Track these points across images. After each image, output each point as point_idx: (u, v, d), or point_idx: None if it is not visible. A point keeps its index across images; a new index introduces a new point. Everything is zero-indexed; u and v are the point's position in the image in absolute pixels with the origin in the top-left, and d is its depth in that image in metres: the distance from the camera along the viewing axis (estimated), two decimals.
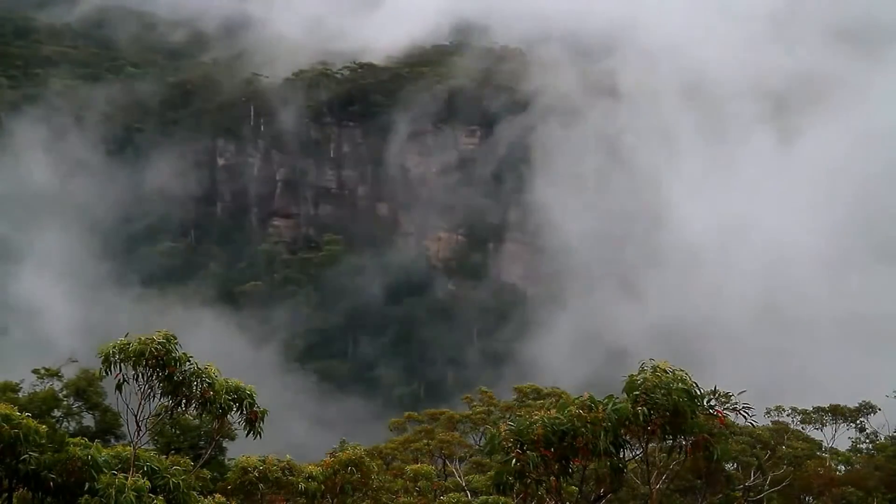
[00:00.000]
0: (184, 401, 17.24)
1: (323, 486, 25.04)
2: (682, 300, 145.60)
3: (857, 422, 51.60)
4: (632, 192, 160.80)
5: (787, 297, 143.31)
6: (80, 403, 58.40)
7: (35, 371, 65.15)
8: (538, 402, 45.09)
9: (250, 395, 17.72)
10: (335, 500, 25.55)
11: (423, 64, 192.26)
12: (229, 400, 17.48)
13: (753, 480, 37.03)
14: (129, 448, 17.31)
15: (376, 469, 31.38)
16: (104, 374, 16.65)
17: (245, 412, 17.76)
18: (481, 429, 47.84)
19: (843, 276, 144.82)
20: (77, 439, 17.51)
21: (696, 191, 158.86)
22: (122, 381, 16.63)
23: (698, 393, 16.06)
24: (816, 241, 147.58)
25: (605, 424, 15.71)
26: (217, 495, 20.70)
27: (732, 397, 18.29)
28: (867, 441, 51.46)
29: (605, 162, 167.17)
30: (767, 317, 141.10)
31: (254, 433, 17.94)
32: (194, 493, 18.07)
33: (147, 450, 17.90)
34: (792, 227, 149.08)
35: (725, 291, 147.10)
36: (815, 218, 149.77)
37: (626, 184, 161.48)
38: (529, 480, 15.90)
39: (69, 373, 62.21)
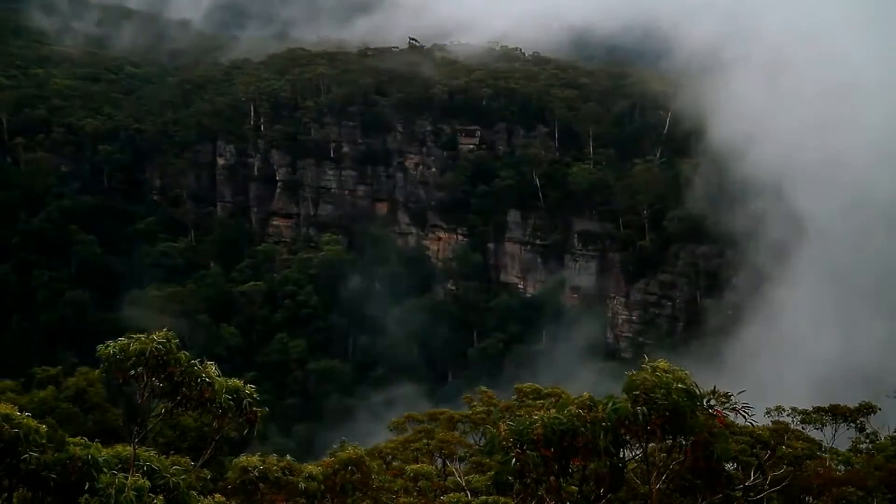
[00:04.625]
0: (183, 401, 17.20)
1: (323, 487, 25.00)
2: None
3: (857, 422, 51.42)
4: None
5: None
6: (80, 404, 58.60)
7: (36, 371, 65.32)
8: (538, 401, 44.94)
9: (249, 396, 17.69)
10: (335, 501, 25.53)
11: (423, 63, 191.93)
12: (229, 400, 17.45)
13: (753, 480, 36.95)
14: (128, 448, 17.29)
15: (377, 469, 31.36)
16: (105, 374, 16.62)
17: (244, 412, 17.71)
18: (481, 429, 47.70)
19: None
20: (77, 439, 17.49)
21: None
22: (122, 381, 16.59)
23: (698, 393, 16.09)
24: None
25: (604, 424, 15.71)
26: (217, 495, 20.66)
27: (732, 397, 18.33)
28: (867, 441, 51.32)
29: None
30: None
31: (253, 433, 17.91)
32: (194, 493, 18.05)
33: (147, 450, 17.88)
34: None
35: None
36: None
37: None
38: (529, 480, 15.90)
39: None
